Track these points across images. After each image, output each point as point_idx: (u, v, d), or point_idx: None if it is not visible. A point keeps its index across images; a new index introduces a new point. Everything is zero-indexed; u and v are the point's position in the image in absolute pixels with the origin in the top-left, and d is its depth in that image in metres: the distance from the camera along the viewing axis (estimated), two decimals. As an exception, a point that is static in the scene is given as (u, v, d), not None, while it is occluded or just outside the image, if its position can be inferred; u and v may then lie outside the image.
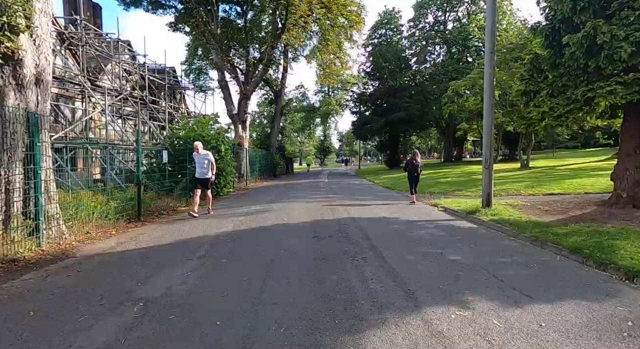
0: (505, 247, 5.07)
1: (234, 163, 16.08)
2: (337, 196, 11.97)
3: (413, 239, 5.54)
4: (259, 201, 11.21)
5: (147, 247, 5.21)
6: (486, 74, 7.47)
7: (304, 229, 6.32)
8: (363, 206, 9.36)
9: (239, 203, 10.76)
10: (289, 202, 10.37)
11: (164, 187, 10.93)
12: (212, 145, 13.14)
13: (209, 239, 5.64)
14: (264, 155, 25.30)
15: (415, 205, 9.56)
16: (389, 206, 9.50)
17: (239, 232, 6.14)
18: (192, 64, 27.61)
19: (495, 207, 7.60)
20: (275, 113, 30.12)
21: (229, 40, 25.05)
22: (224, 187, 13.57)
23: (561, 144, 48.41)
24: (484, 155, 7.67)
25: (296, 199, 11.48)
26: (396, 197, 11.73)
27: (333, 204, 9.71)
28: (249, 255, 4.71)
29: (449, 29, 36.07)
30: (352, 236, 5.74)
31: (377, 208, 9.01)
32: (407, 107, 29.50)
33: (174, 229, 6.54)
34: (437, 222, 7.04)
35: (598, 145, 45.65)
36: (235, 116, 21.10)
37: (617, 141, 45.96)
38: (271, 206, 9.59)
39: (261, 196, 12.94)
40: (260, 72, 20.39)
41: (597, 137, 43.70)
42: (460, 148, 44.05)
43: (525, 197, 9.65)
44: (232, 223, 6.98)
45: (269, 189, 16.05)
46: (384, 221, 7.20)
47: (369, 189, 15.18)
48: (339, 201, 10.60)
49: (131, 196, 8.10)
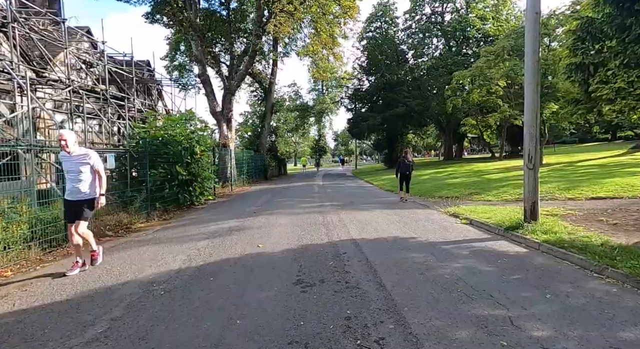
0: (601, 297, 3.14)
1: (213, 167, 14.06)
2: (332, 205, 10.00)
3: (450, 283, 3.59)
4: (237, 212, 9.22)
5: (20, 311, 3.21)
6: (529, 40, 5.55)
7: (284, 265, 4.34)
8: (365, 219, 7.40)
9: (211, 216, 8.75)
10: (273, 215, 8.38)
11: (124, 199, 8.91)
12: (184, 146, 11.15)
13: (132, 291, 3.62)
14: (253, 156, 23.26)
15: (432, 216, 7.63)
16: (397, 216, 7.56)
17: (185, 274, 4.11)
18: (174, 60, 25.42)
19: (542, 221, 5.70)
20: (266, 111, 28.07)
21: (212, 33, 23.02)
22: (200, 195, 11.56)
23: (558, 140, 46.82)
24: (526, 149, 5.75)
25: (284, 209, 9.50)
26: (403, 203, 9.79)
27: (327, 217, 7.74)
28: (178, 333, 2.74)
29: (447, 21, 34.32)
30: (356, 278, 3.78)
31: (384, 220, 7.06)
32: (406, 102, 27.63)
33: (95, 266, 4.53)
34: (471, 245, 5.11)
35: (595, 140, 44.19)
36: (218, 113, 19.05)
37: (614, 136, 44.57)
38: (249, 222, 7.59)
39: (243, 205, 10.94)
40: (246, 64, 18.37)
41: (595, 132, 42.22)
42: (461, 145, 42.34)
43: (565, 203, 7.77)
44: (186, 254, 4.98)
45: (255, 195, 14.05)
46: (397, 244, 5.25)
47: (369, 193, 13.23)
48: (335, 211, 8.64)
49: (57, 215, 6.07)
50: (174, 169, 10.31)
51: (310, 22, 21.85)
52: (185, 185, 10.85)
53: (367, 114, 29.92)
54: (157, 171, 10.07)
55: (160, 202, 9.97)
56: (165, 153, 10.57)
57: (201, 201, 11.72)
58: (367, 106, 32.74)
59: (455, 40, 33.87)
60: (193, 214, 9.51)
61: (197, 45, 18.26)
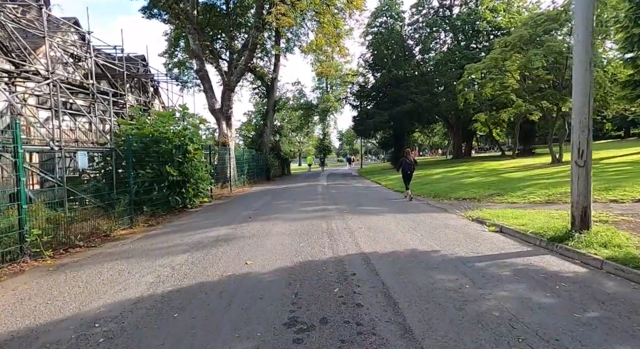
0: None
1: (209, 167, 13.16)
2: (337, 208, 9.00)
3: (502, 325, 2.54)
4: (231, 217, 8.26)
5: None
6: (580, 5, 4.49)
7: (275, 293, 3.34)
8: (376, 226, 6.38)
9: (202, 222, 7.80)
10: (269, 221, 7.40)
11: (110, 201, 8.00)
12: (175, 144, 10.24)
13: (62, 336, 2.61)
14: (254, 156, 22.34)
15: (452, 221, 6.58)
16: (412, 222, 6.53)
17: (143, 307, 3.09)
18: (173, 56, 24.55)
19: (596, 230, 4.63)
20: (268, 109, 27.14)
21: (212, 28, 22.12)
22: (193, 197, 10.64)
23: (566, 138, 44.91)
24: (575, 142, 4.68)
25: (283, 213, 8.52)
26: (417, 206, 8.75)
27: (332, 223, 6.74)
28: None
29: (456, 14, 33.03)
30: (371, 316, 2.76)
31: (398, 227, 6.03)
32: (414, 99, 26.45)
33: (40, 291, 3.58)
34: (511, 262, 4.06)
35: (607, 137, 42.44)
36: (217, 111, 18.15)
37: (627, 132, 42.86)
38: (242, 229, 6.61)
39: (240, 208, 9.98)
40: (246, 58, 17.43)
41: (608, 129, 40.52)
42: (469, 144, 40.94)
43: (609, 206, 6.67)
44: (155, 274, 4.00)
45: (254, 197, 13.10)
46: (419, 261, 4.21)
47: (378, 195, 12.19)
48: (341, 216, 7.62)
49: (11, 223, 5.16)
50: (164, 169, 9.41)
51: (315, 15, 20.84)
52: (176, 186, 9.93)
53: (373, 111, 28.80)
54: (144, 172, 9.18)
55: (149, 205, 9.08)
56: (155, 152, 9.67)
57: (195, 204, 10.80)
58: (373, 102, 31.61)
59: (464, 34, 32.57)
60: (183, 219, 8.59)
61: (195, 40, 17.38)
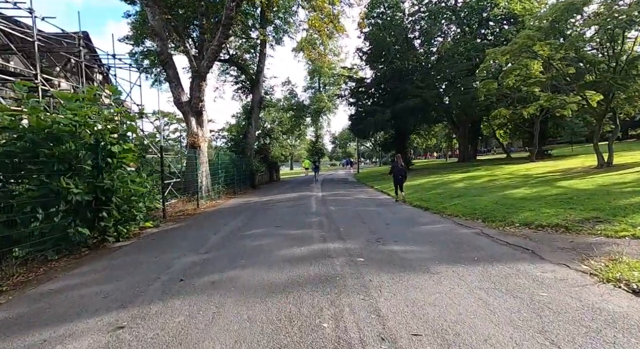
0: None
1: (155, 176, 9.54)
2: (346, 250, 5.41)
3: None
4: (161, 268, 4.64)
5: None
6: None
7: None
8: (447, 321, 2.86)
9: (83, 289, 4.17)
10: (214, 292, 3.78)
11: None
12: (90, 143, 6.63)
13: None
14: (235, 160, 18.70)
15: (585, 293, 3.07)
16: (513, 298, 3.00)
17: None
18: (139, 43, 20.77)
19: None
20: (252, 106, 23.57)
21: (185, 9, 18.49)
22: (119, 224, 7.01)
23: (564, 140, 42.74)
24: None
25: (248, 264, 4.87)
26: (474, 240, 5.23)
27: (345, 315, 3.17)
28: None
29: (462, 1, 30.00)
30: None
31: (490, 321, 2.53)
32: (420, 94, 23.13)
33: None
34: None
35: (605, 139, 40.36)
36: (185, 104, 14.53)
37: (625, 134, 40.74)
38: (145, 323, 3.02)
39: (189, 244, 6.33)
40: (219, 37, 13.85)
41: (605, 131, 38.38)
42: (475, 145, 37.83)
43: None
44: None
45: (222, 218, 9.48)
46: None
47: (396, 212, 8.61)
48: (357, 280, 3.97)
49: None
50: (59, 182, 5.76)
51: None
52: (85, 210, 6.29)
53: (373, 109, 25.39)
54: (20, 188, 5.53)
55: (29, 243, 5.42)
56: (49, 155, 6.03)
57: (125, 233, 7.14)
58: (372, 98, 28.23)
59: (470, 26, 29.57)
60: (75, 271, 4.93)
61: (154, 14, 13.77)
